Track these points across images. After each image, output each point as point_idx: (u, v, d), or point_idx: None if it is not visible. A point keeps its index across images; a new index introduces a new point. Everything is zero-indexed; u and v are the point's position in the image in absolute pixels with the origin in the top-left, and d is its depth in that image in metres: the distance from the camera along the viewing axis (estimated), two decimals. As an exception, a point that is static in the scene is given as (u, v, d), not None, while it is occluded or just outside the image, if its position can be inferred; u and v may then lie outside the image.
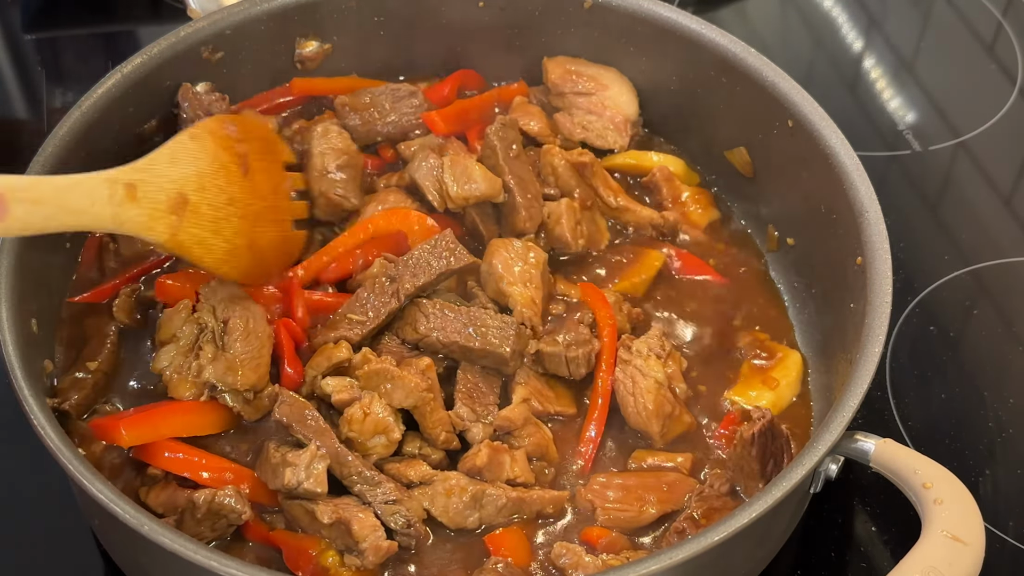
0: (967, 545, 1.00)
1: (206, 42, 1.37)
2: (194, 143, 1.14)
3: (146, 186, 1.06)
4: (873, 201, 1.22)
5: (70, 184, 1.00)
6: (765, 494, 1.01)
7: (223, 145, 1.16)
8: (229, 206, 1.15)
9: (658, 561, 0.97)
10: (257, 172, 1.19)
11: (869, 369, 1.10)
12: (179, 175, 1.10)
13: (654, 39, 1.43)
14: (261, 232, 1.20)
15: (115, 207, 1.03)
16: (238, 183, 1.16)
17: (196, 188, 1.11)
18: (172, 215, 1.08)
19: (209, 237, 1.13)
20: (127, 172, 1.06)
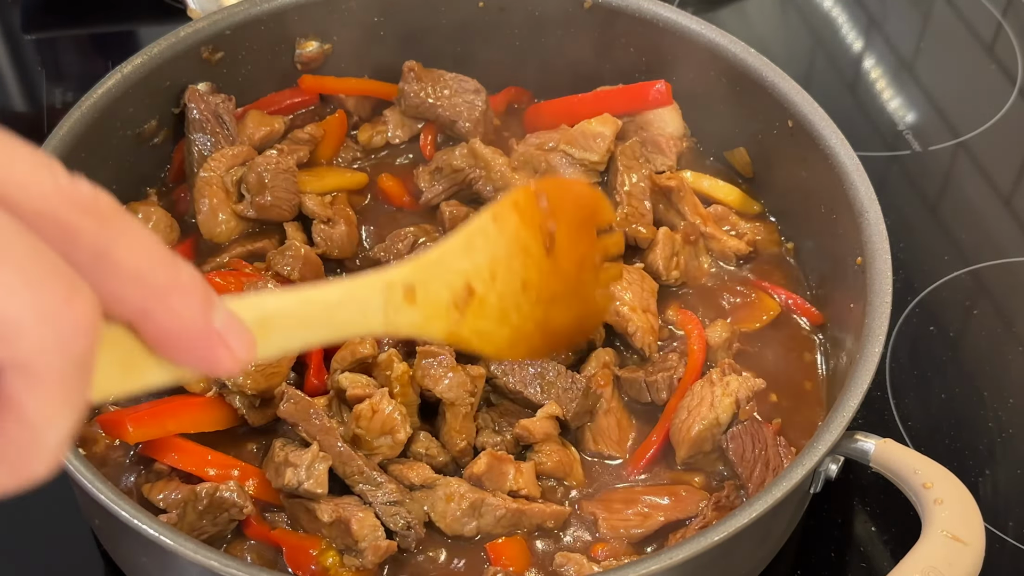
0: (967, 545, 1.00)
1: (206, 42, 1.37)
2: (496, 225, 0.95)
3: (429, 285, 0.88)
4: (873, 201, 1.22)
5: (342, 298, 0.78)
6: (765, 494, 1.01)
7: (528, 222, 0.98)
8: (521, 293, 0.98)
9: (658, 561, 0.97)
10: (562, 250, 1.01)
11: (869, 369, 1.10)
12: (470, 266, 0.92)
13: (653, 39, 1.43)
14: (556, 313, 1.03)
15: (389, 314, 0.84)
16: (536, 265, 0.98)
17: (487, 278, 0.94)
18: (454, 311, 0.91)
19: (493, 328, 0.96)
20: (410, 272, 0.86)
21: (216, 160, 1.35)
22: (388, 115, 1.49)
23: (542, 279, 0.99)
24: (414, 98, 1.45)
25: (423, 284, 0.87)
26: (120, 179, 1.35)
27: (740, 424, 1.19)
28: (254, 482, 1.15)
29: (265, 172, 1.34)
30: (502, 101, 1.53)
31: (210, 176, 1.34)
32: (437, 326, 0.90)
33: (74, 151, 1.25)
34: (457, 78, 1.47)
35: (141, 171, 1.39)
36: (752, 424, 1.19)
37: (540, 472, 1.19)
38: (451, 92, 1.45)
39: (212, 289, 0.55)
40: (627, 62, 1.47)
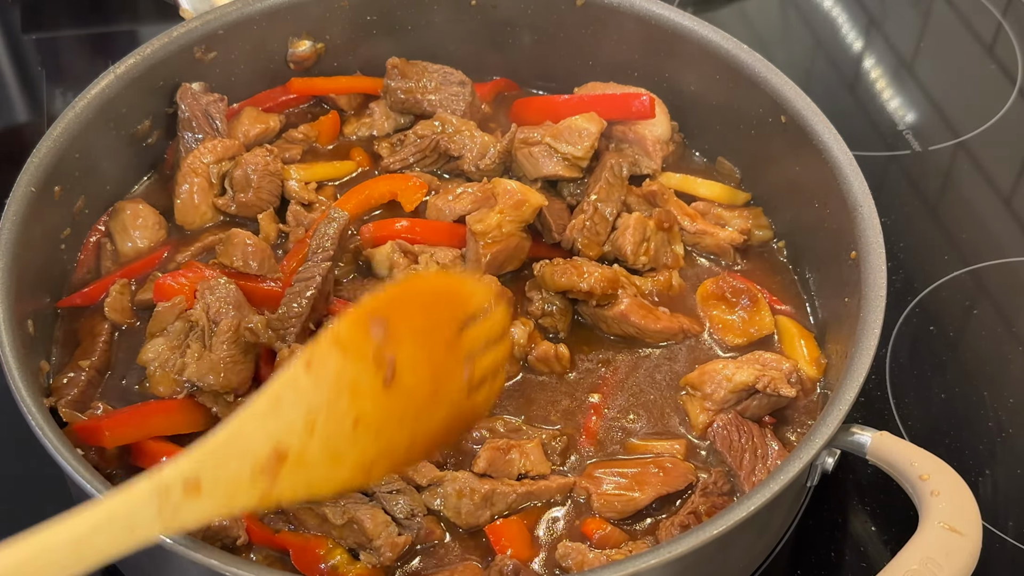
0: (964, 536, 1.00)
1: (199, 42, 1.38)
2: (309, 376, 0.87)
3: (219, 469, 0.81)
4: (867, 195, 1.22)
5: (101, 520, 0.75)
6: (763, 487, 1.01)
7: (356, 356, 0.88)
8: (353, 431, 0.89)
9: (658, 555, 0.97)
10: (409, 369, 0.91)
11: (865, 362, 1.10)
12: (277, 427, 0.85)
13: (646, 36, 1.43)
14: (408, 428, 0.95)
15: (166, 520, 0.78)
16: (371, 397, 0.89)
17: (303, 431, 0.86)
18: (262, 478, 0.84)
19: (324, 473, 0.89)
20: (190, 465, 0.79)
21: (205, 149, 1.35)
22: (374, 107, 1.50)
23: (380, 410, 0.91)
24: (400, 94, 1.46)
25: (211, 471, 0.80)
26: (113, 179, 1.36)
27: (724, 416, 1.19)
28: None
29: (252, 172, 1.34)
30: (490, 92, 1.53)
31: (196, 165, 1.35)
32: (241, 501, 0.83)
33: (68, 151, 1.25)
34: (442, 70, 1.47)
35: (135, 171, 1.40)
36: (735, 417, 1.19)
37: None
38: (436, 84, 1.46)
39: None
40: (620, 58, 1.47)
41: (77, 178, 1.28)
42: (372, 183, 1.40)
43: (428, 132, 1.42)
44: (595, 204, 1.35)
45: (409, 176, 1.40)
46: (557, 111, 1.43)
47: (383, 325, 0.89)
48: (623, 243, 1.34)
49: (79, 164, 1.27)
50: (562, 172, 1.38)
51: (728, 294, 1.31)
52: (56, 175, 1.24)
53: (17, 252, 1.16)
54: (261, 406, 0.85)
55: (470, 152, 1.40)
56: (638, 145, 1.43)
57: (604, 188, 1.36)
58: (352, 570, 1.10)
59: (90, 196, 1.32)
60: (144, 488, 0.78)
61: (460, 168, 1.41)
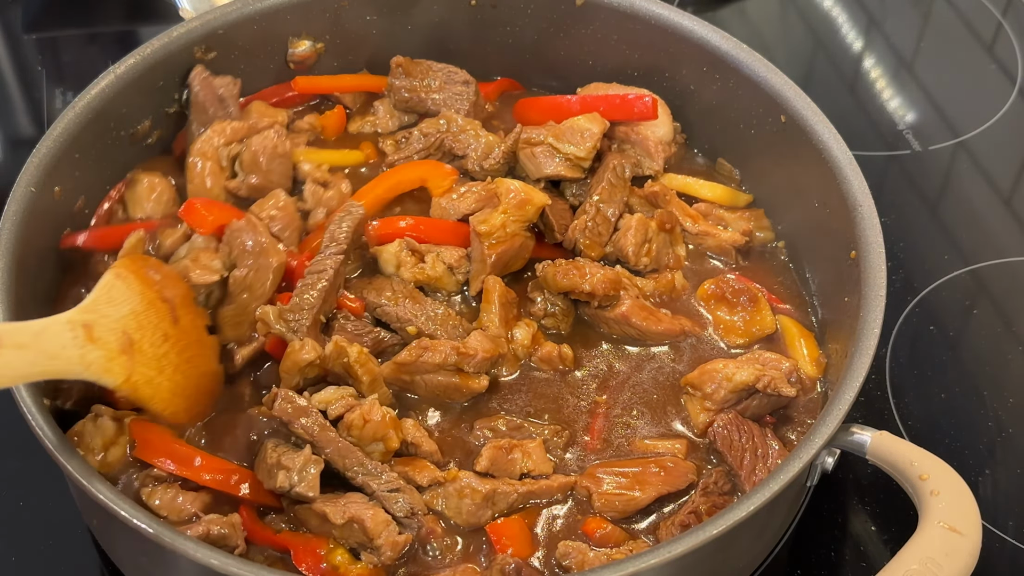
0: (964, 536, 1.00)
1: (199, 42, 1.38)
2: (120, 282, 1.13)
3: (98, 327, 1.06)
4: (866, 195, 1.22)
5: (41, 328, 1.00)
6: (763, 487, 1.01)
7: (146, 283, 1.15)
8: (165, 343, 1.14)
9: (658, 554, 0.97)
10: (182, 314, 1.18)
11: (864, 362, 1.09)
12: (119, 315, 1.10)
13: (645, 36, 1.43)
14: (194, 367, 1.18)
15: (80, 348, 1.03)
16: (168, 320, 1.15)
17: (136, 327, 1.11)
18: (123, 355, 1.08)
19: (155, 376, 1.12)
20: (80, 313, 1.06)
21: (214, 132, 1.35)
22: (378, 105, 1.50)
23: (176, 332, 1.16)
24: (404, 93, 1.47)
25: (95, 325, 1.05)
26: (113, 179, 1.36)
27: (724, 416, 1.19)
28: (249, 485, 1.14)
29: (261, 154, 1.35)
30: (494, 91, 1.54)
31: (206, 148, 1.35)
32: (117, 369, 1.07)
33: (68, 151, 1.25)
34: (446, 69, 1.48)
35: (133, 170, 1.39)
36: (736, 417, 1.19)
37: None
38: (440, 83, 1.47)
39: None
40: (620, 58, 1.47)
41: (77, 178, 1.28)
42: (403, 168, 1.41)
43: (433, 130, 1.43)
44: (597, 205, 1.35)
45: (440, 163, 1.41)
46: (561, 111, 1.43)
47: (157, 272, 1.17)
48: (625, 244, 1.34)
49: (79, 164, 1.27)
50: (564, 172, 1.38)
51: (728, 294, 1.31)
52: (56, 175, 1.24)
53: (17, 252, 1.16)
54: (102, 294, 1.10)
55: (474, 151, 1.40)
56: (640, 146, 1.43)
57: (606, 189, 1.36)
58: (353, 570, 1.09)
59: (90, 196, 1.32)
60: (60, 318, 1.03)
61: (464, 167, 1.41)
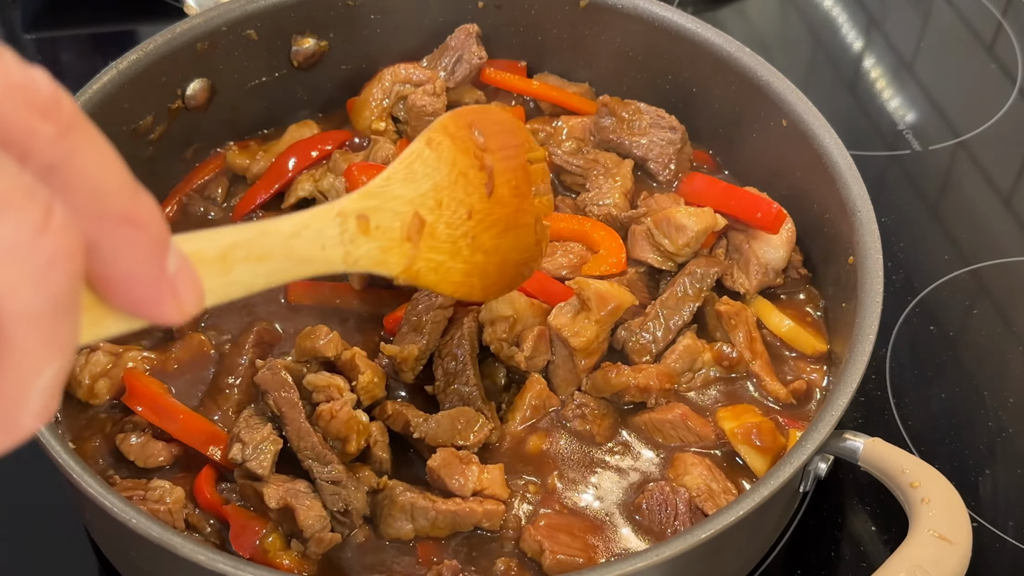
0: (953, 544, 1.00)
1: (202, 38, 1.37)
2: (432, 151, 0.95)
3: (380, 213, 0.87)
4: (865, 200, 1.22)
5: (296, 228, 0.76)
6: (753, 492, 1.01)
7: (463, 149, 0.97)
8: (468, 221, 0.97)
9: (645, 558, 0.97)
10: (501, 183, 1.00)
11: (859, 368, 1.09)
12: (415, 194, 0.92)
13: (649, 38, 1.43)
14: (502, 241, 1.02)
15: (345, 245, 0.83)
16: (478, 192, 0.98)
17: (433, 206, 0.94)
18: (407, 242, 0.90)
19: (446, 260, 0.96)
20: (359, 200, 0.86)
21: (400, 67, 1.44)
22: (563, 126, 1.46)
23: (485, 206, 0.98)
24: (609, 134, 1.42)
25: (374, 212, 0.87)
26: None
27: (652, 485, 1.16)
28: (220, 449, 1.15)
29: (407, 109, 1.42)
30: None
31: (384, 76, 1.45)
32: (394, 259, 0.90)
33: (69, 147, 1.25)
34: (655, 112, 1.42)
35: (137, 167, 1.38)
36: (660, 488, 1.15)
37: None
38: (645, 126, 1.41)
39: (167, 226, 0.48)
40: (623, 60, 1.47)
41: (78, 173, 1.28)
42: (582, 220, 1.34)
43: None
44: (659, 310, 1.25)
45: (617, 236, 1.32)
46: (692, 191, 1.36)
47: (481, 131, 0.99)
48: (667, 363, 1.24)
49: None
50: (653, 262, 1.29)
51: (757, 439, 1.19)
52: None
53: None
54: (399, 170, 0.92)
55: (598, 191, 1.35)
56: (740, 255, 1.31)
57: (675, 296, 1.26)
58: (282, 555, 1.10)
59: (91, 192, 1.32)
60: (328, 208, 0.82)
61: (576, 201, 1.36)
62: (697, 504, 1.13)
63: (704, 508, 1.13)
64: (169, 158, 1.43)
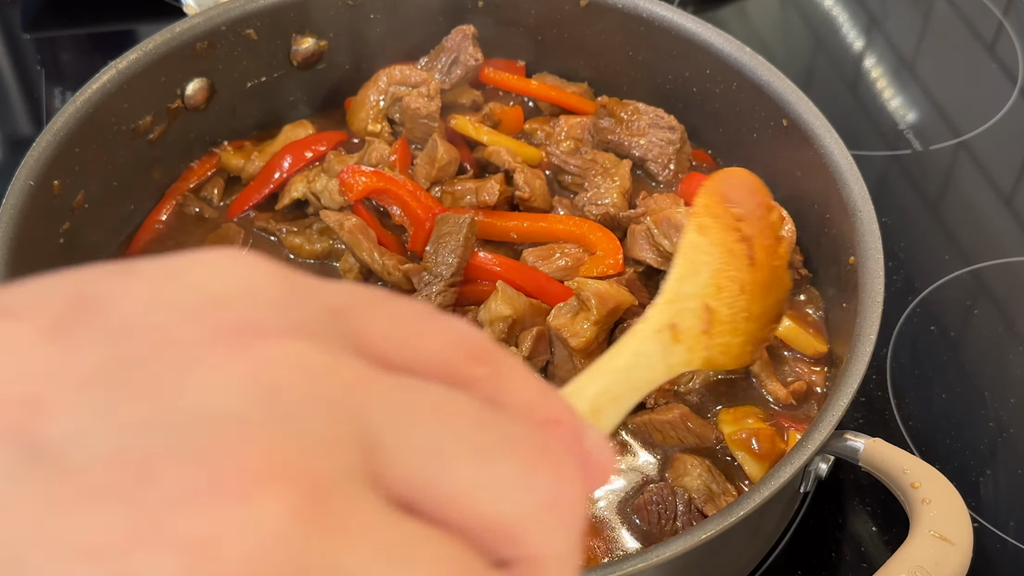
0: (954, 545, 0.99)
1: (201, 38, 1.37)
2: (704, 237, 0.95)
3: (682, 316, 0.87)
4: (866, 200, 1.21)
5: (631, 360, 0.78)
6: (753, 492, 1.01)
7: (725, 226, 0.97)
8: (742, 295, 0.97)
9: (644, 559, 0.96)
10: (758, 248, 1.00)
11: (859, 369, 1.09)
12: (700, 286, 0.92)
13: (649, 38, 1.42)
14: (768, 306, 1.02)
15: (666, 358, 0.83)
16: (743, 264, 0.98)
17: (714, 292, 0.93)
18: (704, 335, 0.90)
19: (731, 340, 0.95)
20: (665, 311, 0.86)
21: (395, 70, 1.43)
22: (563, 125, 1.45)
23: (751, 276, 0.98)
24: (608, 135, 1.42)
25: (679, 317, 0.86)
26: (114, 174, 1.36)
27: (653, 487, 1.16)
28: None
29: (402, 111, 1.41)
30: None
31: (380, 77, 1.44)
32: (696, 356, 0.89)
33: (67, 146, 1.25)
34: (654, 113, 1.42)
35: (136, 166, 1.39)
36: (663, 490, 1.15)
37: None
38: (645, 127, 1.41)
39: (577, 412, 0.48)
40: (623, 59, 1.47)
41: (77, 172, 1.28)
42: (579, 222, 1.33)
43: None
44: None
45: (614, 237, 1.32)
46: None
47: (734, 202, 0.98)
48: None
49: (79, 159, 1.27)
50: (652, 262, 1.29)
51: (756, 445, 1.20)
52: (55, 169, 1.23)
53: (15, 247, 1.16)
54: (684, 266, 0.91)
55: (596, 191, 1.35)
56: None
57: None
58: None
59: (90, 191, 1.32)
60: (647, 329, 0.82)
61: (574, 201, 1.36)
62: (697, 506, 1.13)
63: (704, 510, 1.13)
64: (168, 158, 1.43)
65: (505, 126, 1.47)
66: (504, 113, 1.48)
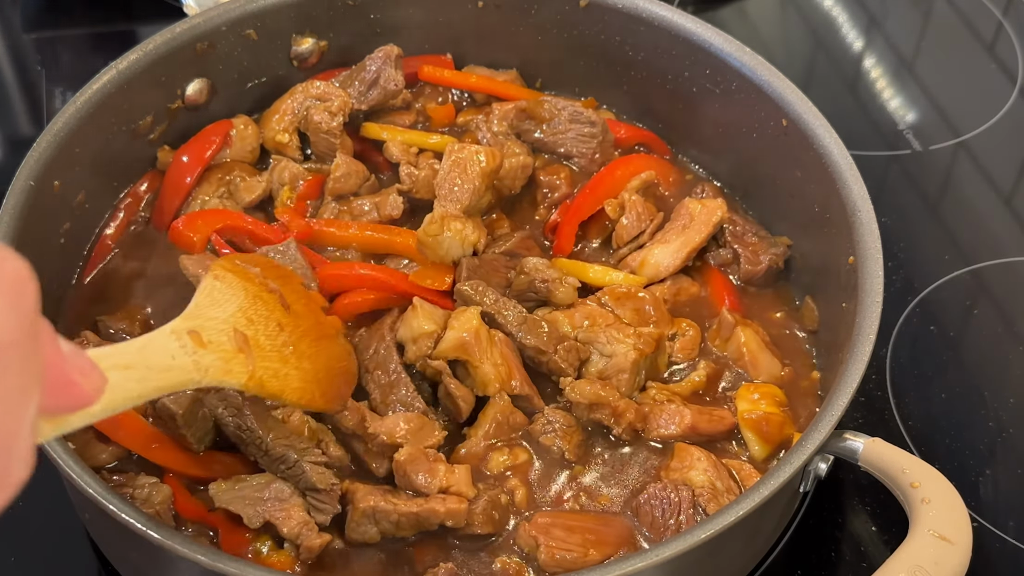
0: (953, 544, 1.00)
1: (202, 38, 1.37)
2: (221, 283, 1.08)
3: (206, 331, 1.00)
4: (865, 201, 1.22)
5: (145, 343, 0.93)
6: (753, 492, 1.01)
7: (246, 277, 1.10)
8: (281, 332, 1.10)
9: (645, 558, 0.97)
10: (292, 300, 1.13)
11: (859, 368, 1.09)
12: (226, 314, 1.05)
13: (649, 38, 1.43)
14: (319, 349, 1.14)
15: (191, 355, 0.96)
16: (278, 308, 1.11)
17: (246, 323, 1.06)
18: (240, 353, 1.02)
19: (279, 367, 1.07)
20: (183, 321, 1.00)
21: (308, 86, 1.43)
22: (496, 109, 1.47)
23: (290, 320, 1.12)
24: (535, 135, 1.46)
25: (203, 330, 0.99)
26: (115, 174, 1.36)
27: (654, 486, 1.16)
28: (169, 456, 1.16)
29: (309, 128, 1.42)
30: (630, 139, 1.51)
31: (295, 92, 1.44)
32: (237, 368, 1.02)
33: (68, 145, 1.25)
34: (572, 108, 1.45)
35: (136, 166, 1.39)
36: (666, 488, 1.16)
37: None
38: (565, 122, 1.45)
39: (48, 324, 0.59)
40: (623, 60, 1.47)
41: (77, 172, 1.28)
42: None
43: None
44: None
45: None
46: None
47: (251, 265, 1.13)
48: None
49: (79, 159, 1.27)
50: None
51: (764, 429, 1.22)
52: (56, 169, 1.24)
53: (15, 247, 1.15)
54: (203, 298, 1.05)
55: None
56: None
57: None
58: (274, 557, 1.10)
59: (90, 191, 1.32)
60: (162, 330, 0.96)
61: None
62: (700, 503, 1.13)
63: (707, 508, 1.13)
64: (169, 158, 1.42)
65: (436, 122, 1.50)
66: (435, 111, 1.50)
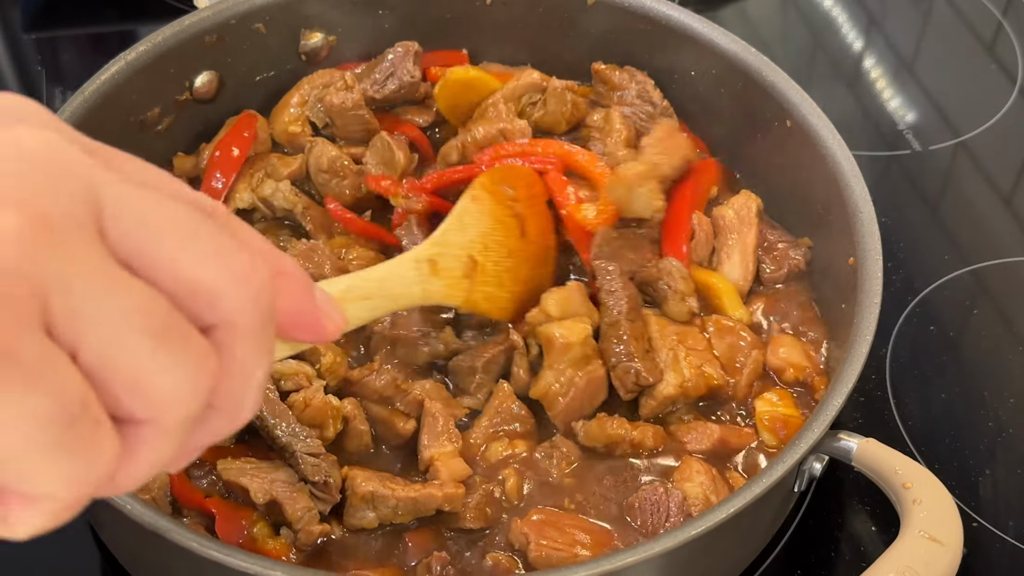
0: (944, 546, 1.00)
1: (210, 31, 1.37)
2: (476, 205, 1.17)
3: (444, 258, 1.10)
4: (867, 202, 1.22)
5: (387, 274, 1.02)
6: (744, 490, 1.01)
7: (498, 201, 1.20)
8: (509, 258, 1.19)
9: (635, 554, 0.97)
10: (530, 226, 1.22)
11: (855, 368, 1.09)
12: (467, 240, 1.14)
13: (656, 37, 1.43)
14: (535, 275, 1.23)
15: (423, 283, 1.07)
16: (515, 235, 1.20)
17: (481, 249, 1.16)
18: (465, 279, 1.13)
19: (495, 291, 1.17)
20: (427, 249, 1.10)
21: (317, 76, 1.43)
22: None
23: (520, 245, 1.21)
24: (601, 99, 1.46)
25: (440, 257, 1.10)
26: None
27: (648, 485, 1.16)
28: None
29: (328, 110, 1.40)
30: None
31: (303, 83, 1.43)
32: (457, 293, 1.12)
33: (75, 136, 1.25)
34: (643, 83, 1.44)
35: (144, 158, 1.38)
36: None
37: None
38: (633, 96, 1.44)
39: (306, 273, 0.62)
40: (629, 59, 1.47)
41: (83, 163, 1.27)
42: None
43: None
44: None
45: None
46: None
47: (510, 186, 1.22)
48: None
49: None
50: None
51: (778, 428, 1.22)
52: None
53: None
54: (453, 224, 1.15)
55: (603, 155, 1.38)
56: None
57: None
58: (269, 543, 1.11)
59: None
60: (408, 257, 1.08)
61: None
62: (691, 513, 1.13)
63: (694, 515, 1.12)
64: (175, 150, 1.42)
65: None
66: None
